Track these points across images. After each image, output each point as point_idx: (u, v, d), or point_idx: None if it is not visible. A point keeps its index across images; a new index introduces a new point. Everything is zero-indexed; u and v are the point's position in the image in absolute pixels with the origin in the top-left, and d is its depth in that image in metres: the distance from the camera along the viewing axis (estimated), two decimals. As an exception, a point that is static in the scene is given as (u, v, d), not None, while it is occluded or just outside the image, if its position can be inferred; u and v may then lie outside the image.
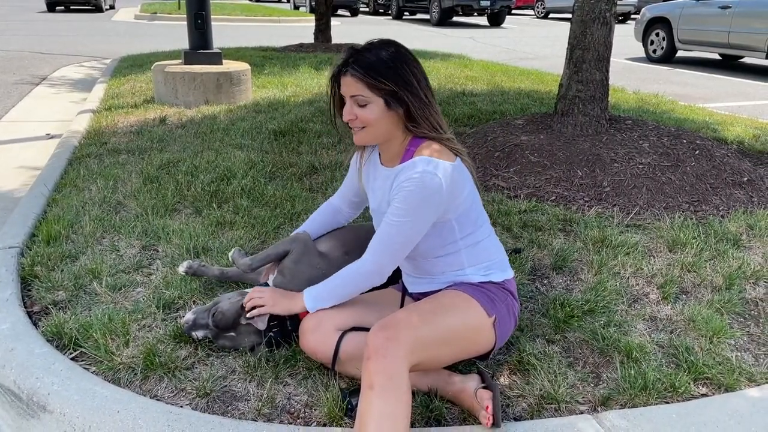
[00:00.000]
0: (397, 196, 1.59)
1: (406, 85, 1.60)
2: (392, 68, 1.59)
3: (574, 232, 2.75)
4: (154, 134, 4.17)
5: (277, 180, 3.30)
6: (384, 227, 1.62)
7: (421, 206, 1.57)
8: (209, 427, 1.53)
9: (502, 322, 1.70)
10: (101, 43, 10.94)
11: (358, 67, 1.59)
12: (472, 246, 1.72)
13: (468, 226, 1.70)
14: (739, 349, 1.99)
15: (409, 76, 1.60)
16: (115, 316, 1.98)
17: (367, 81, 1.58)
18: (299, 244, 1.97)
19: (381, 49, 1.62)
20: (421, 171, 1.55)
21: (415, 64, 1.65)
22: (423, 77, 1.65)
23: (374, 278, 1.67)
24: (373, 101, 1.60)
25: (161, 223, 2.69)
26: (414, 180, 1.55)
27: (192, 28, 5.32)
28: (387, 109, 1.61)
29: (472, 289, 1.69)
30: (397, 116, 1.63)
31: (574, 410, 1.68)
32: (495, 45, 12.42)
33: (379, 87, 1.58)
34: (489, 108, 5.06)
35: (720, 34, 9.06)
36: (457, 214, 1.66)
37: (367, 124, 1.63)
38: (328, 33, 9.52)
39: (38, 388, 1.66)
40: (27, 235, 2.58)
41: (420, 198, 1.56)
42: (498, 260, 1.77)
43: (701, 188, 3.17)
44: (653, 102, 5.69)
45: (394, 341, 1.44)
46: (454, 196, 1.62)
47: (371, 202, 1.83)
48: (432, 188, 1.55)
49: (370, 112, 1.61)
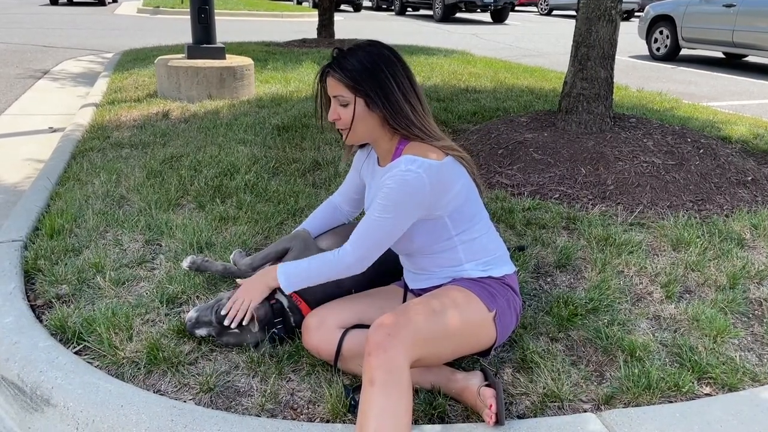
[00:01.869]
0: (380, 192, 1.60)
1: (381, 90, 1.61)
2: (370, 71, 1.61)
3: (577, 230, 2.74)
4: (157, 129, 4.17)
5: (281, 175, 3.30)
6: (366, 221, 1.64)
7: (401, 203, 1.57)
8: (213, 422, 1.53)
9: (502, 317, 1.69)
10: (104, 37, 10.93)
11: (338, 68, 1.62)
12: (469, 242, 1.72)
13: (462, 222, 1.70)
14: (742, 349, 1.99)
15: (385, 81, 1.61)
16: (118, 310, 1.98)
17: (346, 83, 1.61)
18: (299, 241, 1.99)
19: (364, 52, 1.63)
20: (404, 169, 1.56)
21: (398, 68, 1.65)
22: (404, 82, 1.64)
23: (353, 269, 1.68)
24: (352, 102, 1.63)
25: (164, 218, 2.69)
26: (395, 178, 1.57)
27: (195, 23, 5.31)
28: (368, 110, 1.63)
29: (471, 284, 1.69)
30: (378, 117, 1.65)
31: (577, 409, 1.68)
32: (498, 42, 12.40)
33: (357, 89, 1.61)
34: (492, 105, 5.05)
35: (724, 32, 9.03)
36: (448, 211, 1.65)
37: (348, 125, 1.66)
38: (331, 28, 9.51)
39: (42, 381, 1.66)
40: (30, 228, 2.58)
41: (400, 195, 1.57)
42: (497, 255, 1.77)
43: (705, 187, 3.17)
44: (657, 100, 5.68)
45: (394, 337, 1.44)
46: (440, 194, 1.61)
47: (366, 200, 1.86)
48: (414, 186, 1.56)
49: (349, 113, 1.64)
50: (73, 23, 13.02)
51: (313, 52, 8.09)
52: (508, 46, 11.72)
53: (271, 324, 1.84)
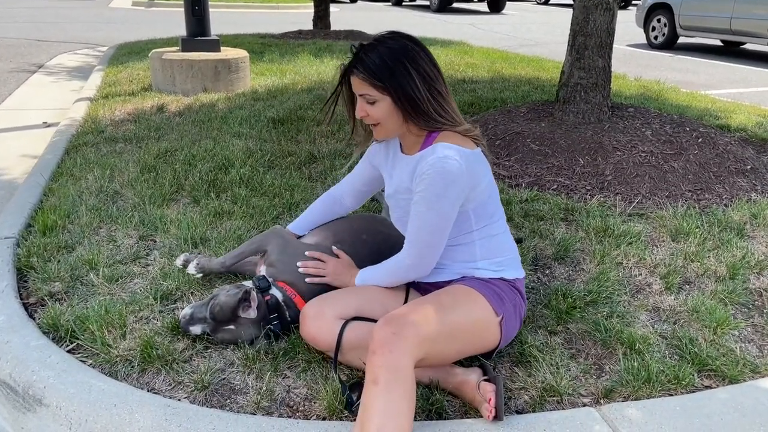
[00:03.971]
0: (420, 185, 1.59)
1: (407, 86, 1.60)
2: (393, 69, 1.59)
3: (576, 221, 2.72)
4: (151, 123, 4.13)
5: (276, 169, 3.27)
6: (414, 220, 1.64)
7: (445, 191, 1.57)
8: (207, 420, 1.51)
9: (508, 322, 1.68)
10: (98, 31, 10.84)
11: (362, 67, 1.61)
12: (487, 239, 1.71)
13: (484, 218, 1.70)
14: (743, 340, 1.97)
15: (409, 77, 1.60)
16: (111, 307, 1.96)
17: (371, 82, 1.61)
18: (275, 237, 2.01)
19: (386, 47, 1.61)
20: (442, 156, 1.56)
21: (421, 59, 1.63)
22: (428, 72, 1.62)
23: (415, 270, 1.70)
24: (380, 99, 1.62)
25: (159, 213, 2.66)
26: (435, 167, 1.56)
27: (189, 15, 5.25)
28: (395, 106, 1.62)
29: (481, 286, 1.67)
30: (406, 112, 1.64)
31: (576, 403, 1.66)
32: (495, 31, 12.33)
33: (384, 87, 1.60)
34: (490, 95, 5.02)
35: (722, 20, 8.98)
36: (475, 204, 1.66)
37: (379, 121, 1.65)
38: (327, 20, 9.43)
39: (34, 381, 1.64)
40: (23, 225, 2.55)
41: (443, 184, 1.56)
42: (511, 257, 1.77)
43: (704, 177, 3.14)
44: (655, 89, 5.64)
45: (400, 336, 1.43)
46: (474, 182, 1.63)
47: (388, 188, 1.83)
48: (453, 172, 1.56)
49: (378, 110, 1.63)
50: (67, 16, 12.93)
51: (309, 44, 8.03)
52: (505, 35, 11.66)
53: (266, 320, 1.81)
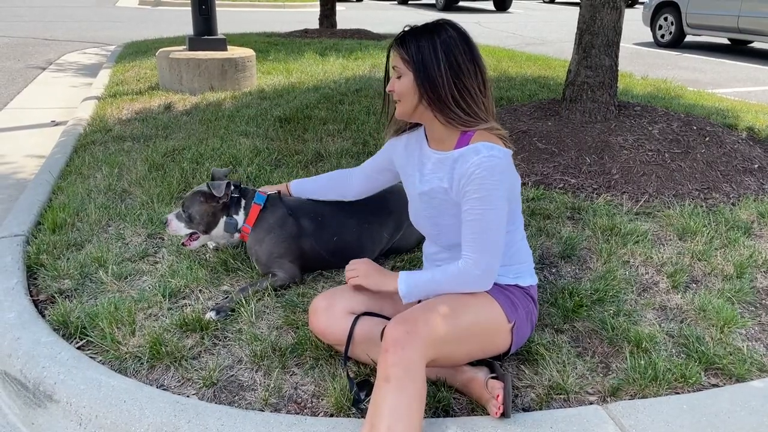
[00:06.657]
0: (470, 185, 1.56)
1: (424, 67, 1.58)
2: (420, 47, 1.58)
3: (582, 220, 2.72)
4: (159, 121, 4.15)
5: (283, 167, 3.28)
6: (474, 225, 1.58)
7: (496, 189, 1.56)
8: (216, 417, 1.52)
9: (520, 328, 1.68)
10: (106, 29, 10.89)
11: (400, 42, 1.63)
12: (508, 245, 1.70)
13: (509, 223, 1.68)
14: (750, 339, 1.97)
15: (431, 59, 1.57)
16: (121, 304, 1.98)
17: (400, 53, 1.61)
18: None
19: (425, 28, 1.62)
20: (488, 155, 1.55)
21: (456, 50, 1.59)
22: (457, 65, 1.58)
23: (483, 281, 1.60)
24: (405, 74, 1.62)
25: (167, 211, 2.68)
26: (483, 166, 1.55)
27: (196, 14, 5.27)
28: (415, 83, 1.60)
29: (496, 292, 1.66)
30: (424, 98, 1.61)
31: (583, 401, 1.66)
32: (501, 30, 12.31)
33: (410, 63, 1.60)
34: (496, 94, 5.01)
35: (729, 18, 8.94)
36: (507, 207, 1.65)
37: (400, 98, 1.64)
38: (333, 18, 9.44)
39: (45, 377, 1.66)
40: (32, 223, 2.57)
41: (493, 182, 1.55)
42: (527, 264, 1.77)
43: (711, 175, 3.14)
44: (662, 88, 5.63)
45: (413, 335, 1.43)
46: (514, 183, 1.65)
47: (420, 185, 1.74)
48: (500, 169, 1.56)
49: (401, 85, 1.63)
50: (74, 15, 12.98)
51: (315, 43, 8.04)
52: (511, 34, 11.64)
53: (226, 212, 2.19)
